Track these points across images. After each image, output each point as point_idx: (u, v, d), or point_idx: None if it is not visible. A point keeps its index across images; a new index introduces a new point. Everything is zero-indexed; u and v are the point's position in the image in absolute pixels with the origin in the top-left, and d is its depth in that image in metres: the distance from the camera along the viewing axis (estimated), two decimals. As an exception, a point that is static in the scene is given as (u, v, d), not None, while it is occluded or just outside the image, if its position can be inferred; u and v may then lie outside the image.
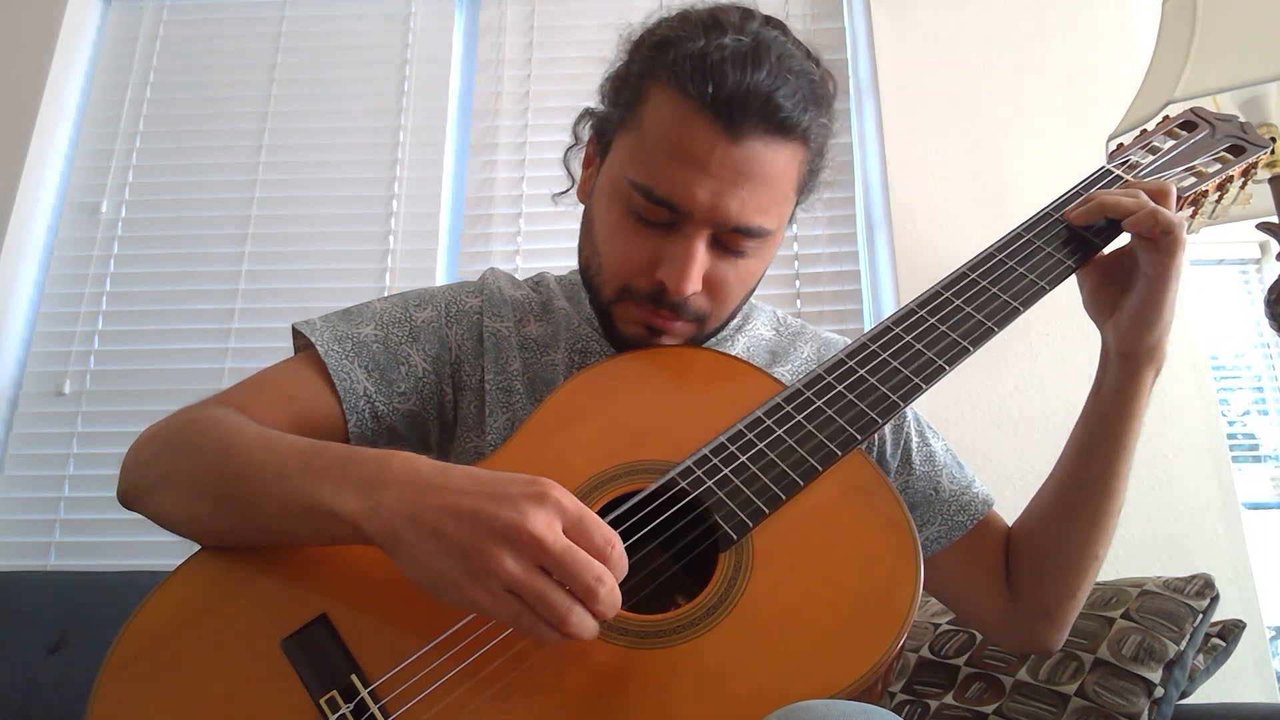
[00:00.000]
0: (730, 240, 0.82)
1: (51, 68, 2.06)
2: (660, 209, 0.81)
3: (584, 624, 0.59)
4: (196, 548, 0.74)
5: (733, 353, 0.94)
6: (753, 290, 0.91)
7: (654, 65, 0.82)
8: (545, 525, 0.59)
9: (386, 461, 0.67)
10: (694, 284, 0.81)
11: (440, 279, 1.99)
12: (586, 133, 0.95)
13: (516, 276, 1.06)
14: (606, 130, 0.89)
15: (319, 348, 0.88)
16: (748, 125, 0.77)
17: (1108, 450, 0.86)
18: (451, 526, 0.60)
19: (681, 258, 0.80)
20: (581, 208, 0.94)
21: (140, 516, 0.80)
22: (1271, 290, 1.47)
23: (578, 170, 0.97)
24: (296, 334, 0.92)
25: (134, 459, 0.81)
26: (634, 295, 0.85)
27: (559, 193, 1.01)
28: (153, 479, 0.78)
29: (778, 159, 0.80)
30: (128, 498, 0.80)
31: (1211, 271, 2.39)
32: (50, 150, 2.06)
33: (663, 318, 0.85)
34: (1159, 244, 0.78)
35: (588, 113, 0.94)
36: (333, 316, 0.93)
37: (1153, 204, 0.78)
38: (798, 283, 1.94)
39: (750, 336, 1.01)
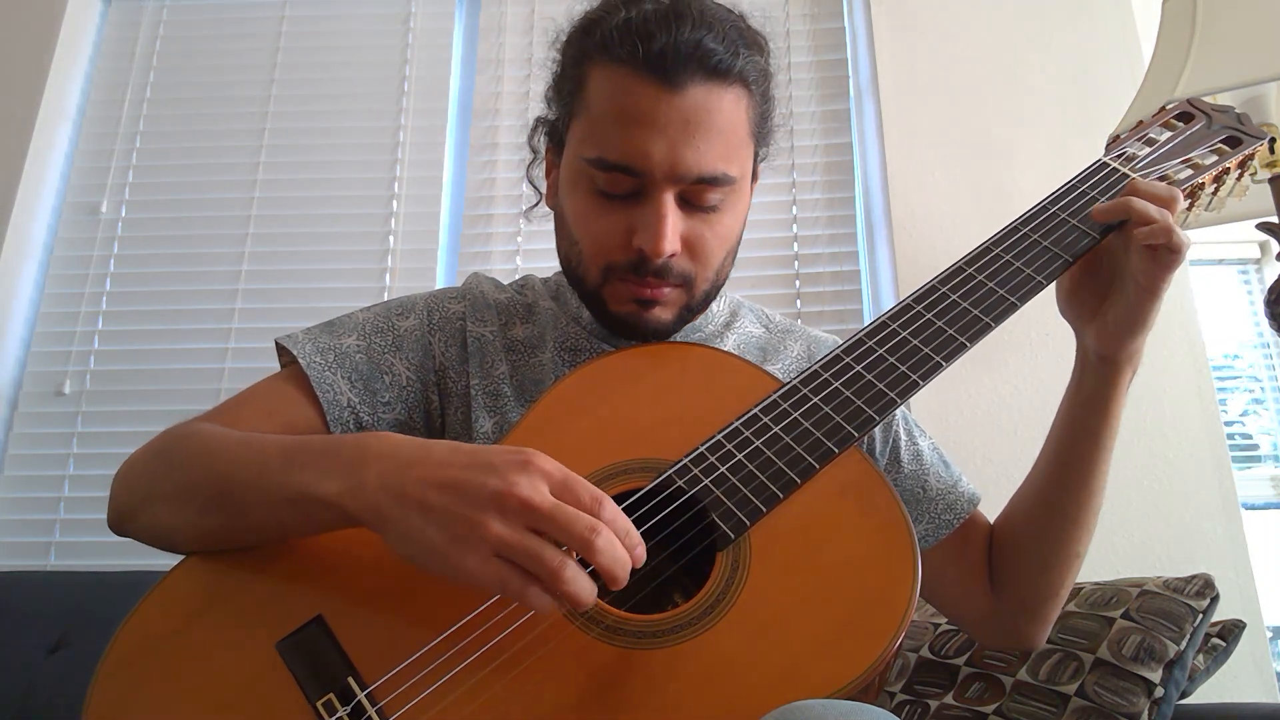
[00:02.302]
0: (696, 195, 0.83)
1: (51, 68, 2.06)
2: (620, 176, 0.82)
3: (579, 582, 0.58)
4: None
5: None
6: (733, 250, 0.91)
7: (585, 49, 0.86)
8: (531, 488, 0.59)
9: (365, 442, 0.67)
10: (670, 243, 0.82)
11: (440, 279, 1.99)
12: (542, 143, 0.97)
13: (503, 280, 1.06)
14: (558, 130, 0.91)
15: (301, 361, 0.88)
16: (685, 75, 0.79)
17: (1086, 450, 0.87)
18: (437, 497, 0.61)
19: (653, 219, 0.81)
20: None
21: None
22: (1271, 290, 1.46)
23: (543, 183, 0.99)
24: (281, 349, 0.92)
25: (120, 483, 0.81)
26: (618, 271, 0.86)
27: (529, 208, 1.03)
28: (140, 497, 0.78)
29: (723, 104, 0.82)
30: (119, 521, 0.80)
31: (1211, 271, 2.39)
32: (50, 150, 2.06)
33: (649, 286, 0.85)
34: (1159, 257, 0.77)
35: (539, 122, 0.97)
36: (315, 329, 0.93)
37: (1171, 220, 0.77)
38: (798, 283, 1.94)
39: (740, 334, 1.01)
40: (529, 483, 0.60)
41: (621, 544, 0.60)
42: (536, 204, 1.01)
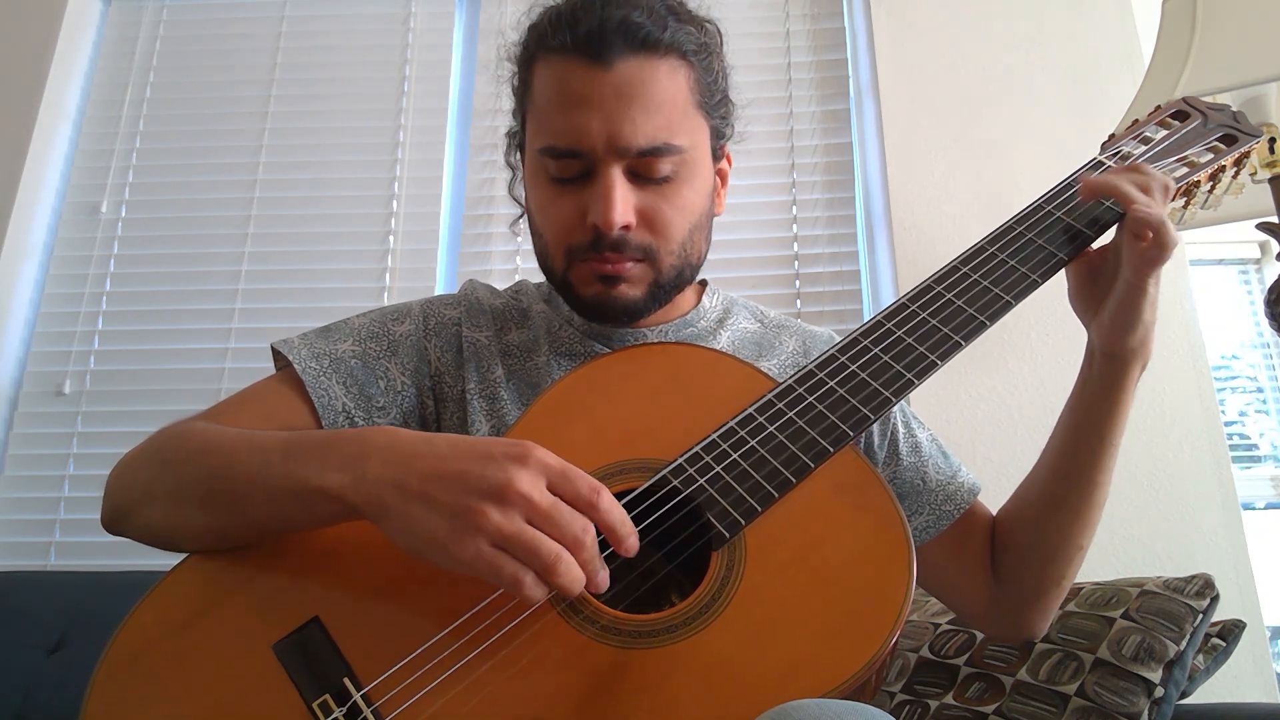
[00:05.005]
0: (645, 167, 0.85)
1: (51, 68, 2.07)
2: (568, 160, 0.85)
3: (572, 573, 0.60)
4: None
5: (718, 348, 0.94)
6: (701, 225, 0.92)
7: (529, 50, 0.90)
8: (531, 482, 0.60)
9: (367, 435, 0.68)
10: (620, 213, 0.83)
11: (440, 279, 2.00)
12: (517, 157, 0.99)
13: (502, 281, 1.07)
14: (520, 136, 0.95)
15: (296, 365, 0.88)
16: (613, 51, 0.83)
17: (1093, 444, 0.87)
18: (438, 489, 0.61)
19: (601, 193, 0.84)
20: None
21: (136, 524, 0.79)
22: (1271, 290, 1.46)
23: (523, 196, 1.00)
24: (276, 354, 0.92)
25: (115, 481, 0.81)
26: (579, 253, 0.87)
27: (514, 221, 1.05)
28: (136, 495, 0.78)
29: (656, 76, 0.84)
30: (113, 520, 0.80)
31: (1211, 271, 2.39)
32: (50, 150, 2.06)
33: (609, 261, 0.86)
34: (1145, 252, 0.77)
35: (509, 137, 1.00)
36: (310, 334, 0.93)
37: (1163, 213, 0.77)
38: (798, 283, 1.94)
39: (734, 330, 1.01)
40: (529, 476, 0.61)
41: (617, 532, 0.62)
42: (520, 216, 1.02)
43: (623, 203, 0.84)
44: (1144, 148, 0.90)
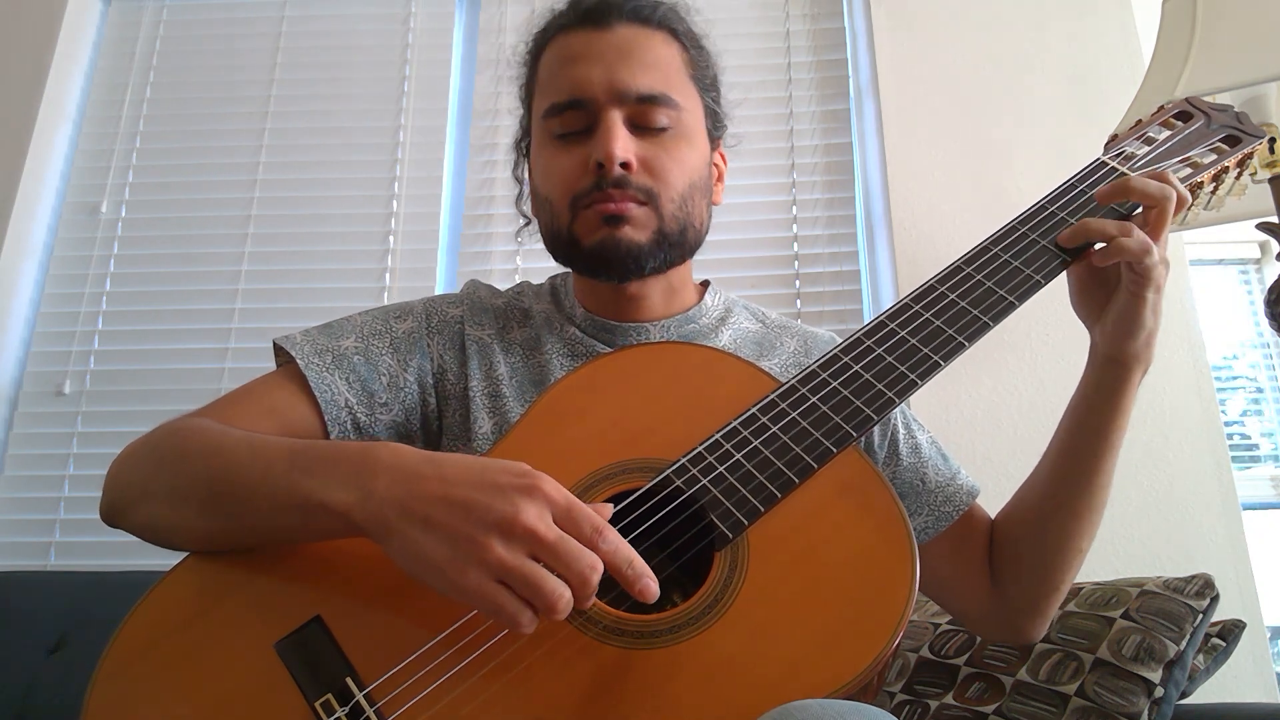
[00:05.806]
0: (643, 116, 0.91)
1: (51, 68, 2.06)
2: (571, 113, 0.91)
3: (570, 611, 0.60)
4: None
5: (719, 347, 0.94)
6: (701, 187, 0.95)
7: (537, 45, 0.99)
8: (537, 516, 0.60)
9: (374, 452, 0.67)
10: (622, 148, 0.88)
11: (440, 279, 2.00)
12: (524, 169, 1.04)
13: (503, 280, 1.08)
14: (527, 140, 1.01)
15: (299, 361, 0.88)
16: (612, 17, 0.92)
17: (1094, 446, 0.87)
18: (442, 515, 0.61)
19: (604, 133, 0.89)
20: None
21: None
22: (1271, 290, 1.46)
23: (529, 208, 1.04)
24: (278, 350, 0.92)
25: (115, 475, 0.81)
26: (583, 199, 0.90)
27: (520, 228, 1.08)
28: (136, 491, 0.78)
29: (652, 43, 0.93)
30: (111, 513, 0.80)
31: (1211, 271, 2.38)
32: (50, 150, 2.06)
33: (613, 200, 0.89)
34: (1134, 270, 0.79)
35: (516, 147, 1.05)
36: (313, 331, 0.93)
37: (1137, 242, 0.77)
38: (798, 283, 1.94)
39: (735, 329, 1.02)
40: (535, 510, 0.60)
41: (624, 573, 0.61)
42: (527, 224, 1.04)
43: (624, 139, 0.89)
44: (1147, 148, 0.90)
